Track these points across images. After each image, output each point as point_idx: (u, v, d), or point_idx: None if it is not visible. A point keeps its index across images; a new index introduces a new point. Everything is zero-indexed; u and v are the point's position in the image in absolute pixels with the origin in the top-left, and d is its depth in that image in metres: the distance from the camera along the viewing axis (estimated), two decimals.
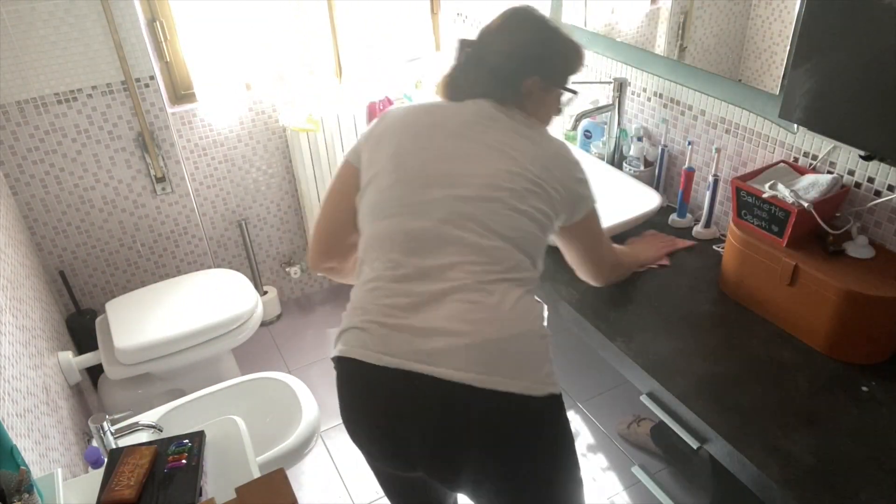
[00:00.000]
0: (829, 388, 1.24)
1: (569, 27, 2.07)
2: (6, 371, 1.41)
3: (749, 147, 1.60)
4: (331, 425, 2.37)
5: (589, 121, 2.01)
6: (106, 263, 2.40)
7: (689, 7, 1.65)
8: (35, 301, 1.94)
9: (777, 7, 1.43)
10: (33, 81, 2.05)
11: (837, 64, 1.17)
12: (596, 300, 1.49)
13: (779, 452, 1.12)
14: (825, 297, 1.26)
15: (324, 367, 2.63)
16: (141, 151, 2.28)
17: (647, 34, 1.79)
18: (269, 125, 2.57)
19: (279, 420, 1.90)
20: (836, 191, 1.33)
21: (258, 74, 2.43)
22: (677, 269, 1.59)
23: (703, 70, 1.65)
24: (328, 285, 3.06)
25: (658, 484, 1.61)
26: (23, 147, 2.12)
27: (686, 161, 1.74)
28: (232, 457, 1.23)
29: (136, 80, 2.17)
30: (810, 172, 1.40)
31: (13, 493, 0.96)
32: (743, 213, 1.39)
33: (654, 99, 1.84)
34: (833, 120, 1.21)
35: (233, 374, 2.30)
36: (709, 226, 1.68)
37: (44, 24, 1.99)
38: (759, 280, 1.38)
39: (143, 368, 2.02)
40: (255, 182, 2.65)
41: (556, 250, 1.67)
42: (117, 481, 1.08)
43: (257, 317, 2.19)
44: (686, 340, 1.37)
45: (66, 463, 1.60)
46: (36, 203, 2.21)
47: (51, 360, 1.88)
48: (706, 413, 1.20)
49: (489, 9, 2.50)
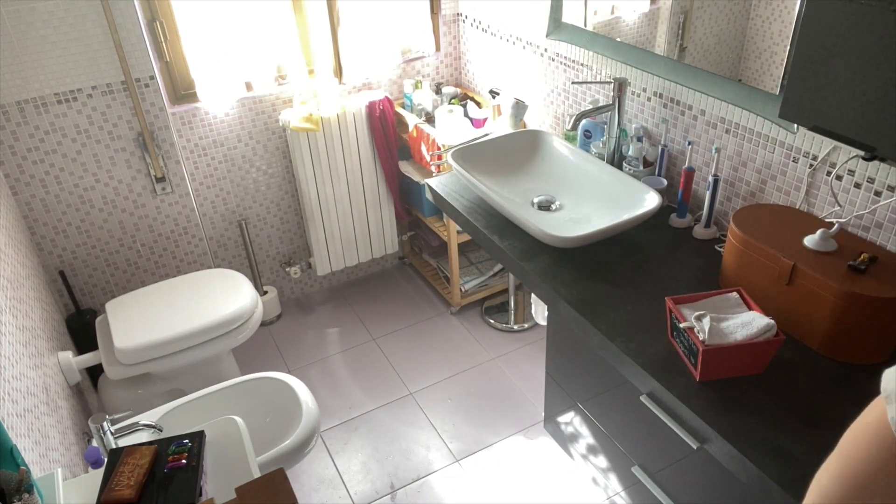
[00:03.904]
0: (829, 388, 1.24)
1: (568, 28, 2.07)
2: (6, 371, 1.41)
3: (749, 147, 1.60)
4: (331, 425, 2.37)
5: (589, 121, 2.01)
6: (106, 263, 2.40)
7: (689, 7, 1.65)
8: (35, 301, 1.94)
9: (777, 7, 1.43)
10: (33, 81, 2.05)
11: (837, 64, 1.17)
12: (596, 300, 1.49)
13: (779, 452, 1.12)
14: (824, 298, 1.26)
15: (324, 367, 2.63)
16: (141, 151, 2.28)
17: (647, 34, 1.79)
18: (269, 125, 2.57)
19: (279, 420, 1.90)
20: (768, 338, 1.22)
21: (258, 74, 2.43)
22: (678, 269, 1.59)
23: (703, 70, 1.65)
24: (328, 285, 3.06)
25: (658, 484, 1.61)
26: (23, 147, 2.12)
27: (686, 161, 1.74)
28: (232, 457, 1.23)
29: (136, 80, 2.17)
30: (759, 311, 1.27)
31: (13, 493, 0.96)
32: (674, 334, 1.35)
33: (654, 99, 1.84)
34: (833, 120, 1.21)
35: (233, 374, 2.30)
36: (709, 226, 1.68)
37: (44, 24, 1.99)
38: (758, 280, 1.38)
39: (143, 368, 2.02)
40: (255, 182, 2.65)
41: (556, 250, 1.68)
42: (117, 481, 1.08)
43: (257, 317, 2.19)
44: None
45: (66, 463, 1.60)
46: (36, 203, 2.21)
47: (51, 360, 1.88)
48: (706, 413, 1.20)
49: (489, 9, 2.51)
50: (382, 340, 2.75)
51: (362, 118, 2.60)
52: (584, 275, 1.58)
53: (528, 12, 2.26)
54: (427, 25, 2.67)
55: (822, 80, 1.21)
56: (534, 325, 2.76)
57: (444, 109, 2.50)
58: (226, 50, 2.33)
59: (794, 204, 1.54)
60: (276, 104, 2.54)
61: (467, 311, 2.87)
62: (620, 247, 1.68)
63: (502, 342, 2.69)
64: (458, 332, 2.76)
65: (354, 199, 2.75)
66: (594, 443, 1.86)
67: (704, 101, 1.68)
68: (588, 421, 1.85)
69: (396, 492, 2.12)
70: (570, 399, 1.91)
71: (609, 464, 1.82)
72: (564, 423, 2.00)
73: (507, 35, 2.43)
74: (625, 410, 1.64)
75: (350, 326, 2.83)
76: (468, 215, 1.85)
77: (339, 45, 2.51)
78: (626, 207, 1.69)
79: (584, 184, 1.86)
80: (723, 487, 1.37)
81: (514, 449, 2.24)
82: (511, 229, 1.76)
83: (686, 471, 1.48)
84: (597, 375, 1.72)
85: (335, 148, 2.59)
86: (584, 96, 2.13)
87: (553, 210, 1.81)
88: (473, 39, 2.67)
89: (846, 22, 1.14)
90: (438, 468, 2.19)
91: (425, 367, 2.59)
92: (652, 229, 1.74)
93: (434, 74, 2.81)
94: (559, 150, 1.98)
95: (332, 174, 2.64)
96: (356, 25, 2.49)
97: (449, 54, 2.80)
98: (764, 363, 1.26)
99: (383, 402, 2.45)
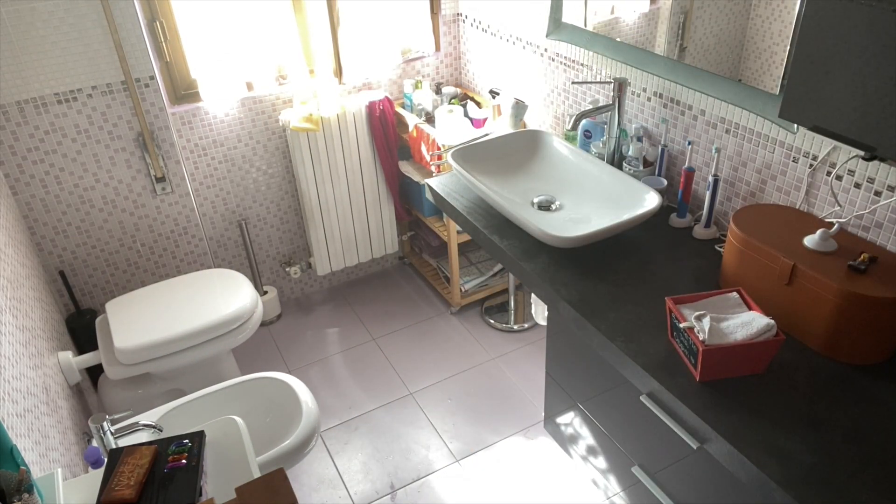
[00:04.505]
0: (829, 388, 1.24)
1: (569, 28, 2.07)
2: (6, 371, 1.41)
3: (749, 147, 1.60)
4: (331, 425, 2.37)
5: (589, 121, 2.01)
6: (106, 263, 2.40)
7: (689, 7, 1.65)
8: (35, 301, 1.94)
9: (777, 7, 1.43)
10: (33, 81, 2.05)
11: (837, 64, 1.17)
12: (596, 300, 1.49)
13: (779, 452, 1.12)
14: (824, 298, 1.26)
15: (324, 367, 2.63)
16: (141, 151, 2.28)
17: (647, 34, 1.79)
18: (269, 125, 2.57)
19: (279, 420, 1.90)
20: (768, 338, 1.22)
21: (258, 74, 2.43)
22: (678, 269, 1.59)
23: (703, 70, 1.65)
24: (328, 285, 3.06)
25: (658, 484, 1.61)
26: (23, 147, 2.12)
27: (686, 161, 1.74)
28: (232, 457, 1.23)
29: (136, 80, 2.17)
30: (759, 311, 1.28)
31: (13, 493, 0.96)
32: (674, 334, 1.35)
33: (654, 99, 1.84)
34: (833, 120, 1.21)
35: (233, 374, 2.30)
36: (709, 226, 1.68)
37: (44, 24, 1.99)
38: (758, 280, 1.38)
39: (143, 368, 2.02)
40: (255, 182, 2.65)
41: (556, 250, 1.68)
42: (117, 481, 1.08)
43: (257, 317, 2.19)
44: None
45: (66, 463, 1.60)
46: (36, 203, 2.21)
47: (51, 360, 1.88)
48: (706, 413, 1.20)
49: (489, 9, 2.51)
50: (382, 340, 2.75)
51: (362, 118, 2.60)
52: (584, 275, 1.58)
53: (528, 12, 2.26)
54: (427, 25, 2.67)
55: (822, 79, 1.21)
56: (534, 325, 2.76)
57: (444, 109, 2.50)
58: (226, 50, 2.33)
59: (794, 204, 1.54)
60: (277, 104, 2.54)
61: (467, 311, 2.87)
62: (620, 247, 1.68)
63: (502, 342, 2.69)
64: (458, 332, 2.76)
65: (354, 199, 2.75)
66: (594, 443, 1.86)
67: (704, 101, 1.68)
68: (588, 421, 1.85)
69: (396, 492, 2.12)
70: (570, 399, 1.91)
71: (609, 464, 1.82)
72: (564, 423, 2.00)
73: (507, 35, 2.43)
74: (625, 410, 1.64)
75: (350, 326, 2.83)
76: (468, 215, 1.85)
77: (339, 45, 2.51)
78: (626, 207, 1.69)
79: (584, 184, 1.86)
80: (723, 487, 1.37)
81: (514, 449, 2.24)
82: (511, 229, 1.76)
83: (686, 471, 1.48)
84: (597, 375, 1.72)
85: (335, 148, 2.59)
86: (584, 96, 2.13)
87: (553, 210, 1.81)
88: (473, 39, 2.67)
89: (846, 22, 1.14)
90: (438, 468, 2.19)
91: (425, 367, 2.59)
92: (652, 229, 1.74)
93: (434, 74, 2.81)
94: (559, 150, 1.98)
95: (332, 174, 2.64)
96: (356, 25, 2.49)
97: (449, 54, 2.80)
98: (764, 363, 1.26)
99: (383, 402, 2.45)
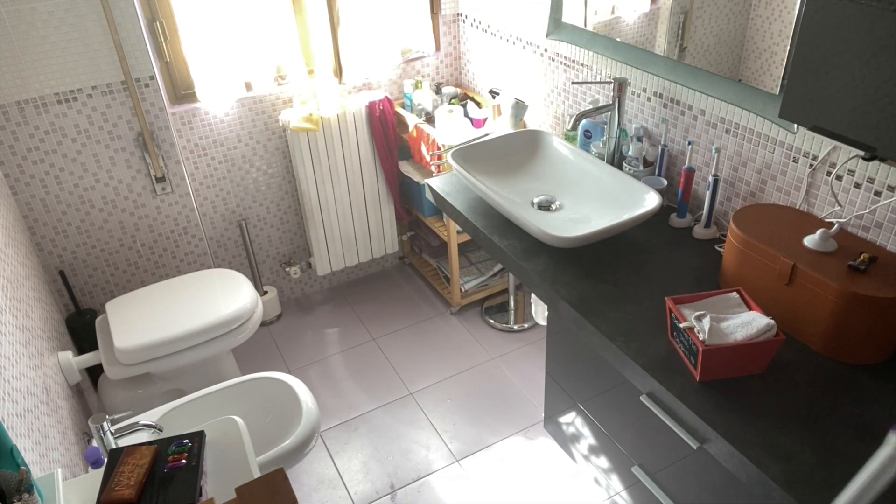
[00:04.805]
0: (829, 388, 1.24)
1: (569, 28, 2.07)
2: (6, 371, 1.41)
3: (749, 147, 1.60)
4: (331, 425, 2.37)
5: (589, 121, 2.01)
6: (106, 263, 2.40)
7: (689, 7, 1.65)
8: (35, 301, 1.94)
9: (777, 7, 1.43)
10: (33, 81, 2.05)
11: (837, 64, 1.17)
12: (596, 300, 1.49)
13: (779, 452, 1.12)
14: (824, 298, 1.26)
15: (324, 367, 2.63)
16: (141, 151, 2.28)
17: (647, 34, 1.79)
18: (269, 125, 2.57)
19: (279, 420, 1.90)
20: (768, 338, 1.22)
21: (258, 74, 2.43)
22: (678, 269, 1.59)
23: (703, 70, 1.65)
24: (328, 285, 3.06)
25: (658, 484, 1.61)
26: (23, 147, 2.12)
27: (686, 161, 1.74)
28: (232, 457, 1.23)
29: (136, 80, 2.17)
30: (759, 311, 1.28)
31: (13, 493, 0.96)
32: (674, 334, 1.35)
33: (654, 99, 1.84)
34: (833, 120, 1.21)
35: (233, 374, 2.30)
36: (709, 226, 1.68)
37: (44, 24, 1.99)
38: (758, 280, 1.38)
39: (143, 368, 2.02)
40: (255, 182, 2.65)
41: (556, 250, 1.68)
42: (117, 481, 1.08)
43: (257, 317, 2.19)
44: None
45: (66, 463, 1.60)
46: (36, 203, 2.21)
47: (51, 360, 1.88)
48: (706, 413, 1.20)
49: (489, 9, 2.51)
50: (382, 340, 2.75)
51: (362, 118, 2.60)
52: (584, 275, 1.58)
53: (528, 12, 2.26)
54: (427, 25, 2.67)
55: (822, 79, 1.21)
56: (534, 325, 2.76)
57: (444, 109, 2.50)
58: (226, 50, 2.33)
59: (794, 204, 1.54)
60: (276, 104, 2.54)
61: (467, 311, 2.87)
62: (620, 247, 1.68)
63: (502, 342, 2.69)
64: (458, 332, 2.76)
65: (354, 199, 2.75)
66: (594, 443, 1.86)
67: (704, 101, 1.68)
68: (588, 421, 1.85)
69: (396, 492, 2.12)
70: (571, 399, 1.91)
71: (609, 464, 1.82)
72: (564, 423, 2.00)
73: (507, 35, 2.43)
74: (625, 410, 1.64)
75: (350, 326, 2.83)
76: (468, 215, 1.85)
77: (339, 45, 2.51)
78: (626, 207, 1.69)
79: (584, 184, 1.86)
80: (723, 487, 1.37)
81: (514, 449, 2.24)
82: (511, 229, 1.76)
83: (686, 471, 1.48)
84: (597, 375, 1.72)
85: (335, 148, 2.59)
86: (584, 96, 2.13)
87: (553, 210, 1.81)
88: (473, 39, 2.67)
89: (846, 22, 1.14)
90: (438, 468, 2.19)
91: (425, 368, 2.59)
92: (652, 229, 1.74)
93: (434, 74, 2.81)
94: (559, 150, 1.98)
95: (332, 174, 2.64)
96: (356, 25, 2.49)
97: (449, 54, 2.80)
98: (764, 363, 1.26)
99: (383, 402, 2.45)
